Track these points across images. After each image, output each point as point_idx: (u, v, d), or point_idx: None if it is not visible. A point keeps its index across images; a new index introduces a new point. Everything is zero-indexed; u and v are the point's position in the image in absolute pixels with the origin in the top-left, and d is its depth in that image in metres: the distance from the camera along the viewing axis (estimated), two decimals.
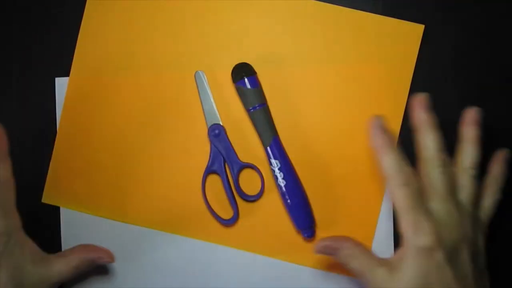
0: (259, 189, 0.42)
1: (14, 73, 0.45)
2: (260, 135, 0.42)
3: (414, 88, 0.42)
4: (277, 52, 0.43)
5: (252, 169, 0.43)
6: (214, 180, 0.43)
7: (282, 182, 0.41)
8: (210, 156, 0.42)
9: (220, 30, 0.44)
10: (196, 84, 0.43)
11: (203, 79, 0.43)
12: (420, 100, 0.37)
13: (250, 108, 0.41)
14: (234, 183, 0.42)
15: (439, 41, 0.43)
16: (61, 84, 0.44)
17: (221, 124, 0.43)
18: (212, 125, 0.43)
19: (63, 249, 0.44)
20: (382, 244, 0.42)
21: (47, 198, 0.44)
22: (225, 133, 0.42)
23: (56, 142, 0.44)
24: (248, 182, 0.43)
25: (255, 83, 0.41)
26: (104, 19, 0.44)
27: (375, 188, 0.42)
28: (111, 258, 0.40)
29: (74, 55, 0.44)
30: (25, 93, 0.45)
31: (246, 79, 0.41)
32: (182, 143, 0.44)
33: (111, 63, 0.44)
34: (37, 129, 0.45)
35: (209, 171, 0.42)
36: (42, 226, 0.44)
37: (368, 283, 0.35)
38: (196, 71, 0.43)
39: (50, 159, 0.44)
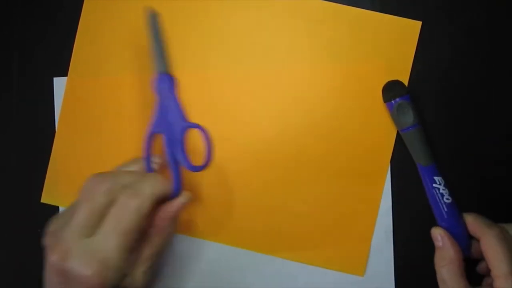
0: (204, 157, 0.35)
1: (12, 73, 0.45)
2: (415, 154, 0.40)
3: (412, 85, 0.42)
4: (274, 51, 0.43)
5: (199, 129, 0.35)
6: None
7: (447, 200, 0.39)
8: (157, 110, 0.36)
9: (218, 30, 0.44)
10: (149, 26, 0.36)
11: (156, 20, 0.36)
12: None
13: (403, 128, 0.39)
14: (179, 147, 0.35)
15: (437, 38, 0.43)
16: (59, 83, 0.44)
17: (171, 73, 0.35)
18: (160, 73, 0.35)
19: None
20: (381, 241, 0.42)
21: (47, 198, 0.44)
22: (174, 85, 0.35)
23: (54, 142, 0.44)
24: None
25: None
26: (102, 19, 0.44)
27: (374, 185, 0.42)
28: None
29: (72, 55, 0.44)
30: (24, 93, 0.45)
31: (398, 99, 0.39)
32: None
33: (109, 62, 0.44)
34: (36, 128, 0.45)
35: (154, 131, 0.36)
36: (42, 226, 0.44)
37: None
38: (149, 11, 0.37)
39: (49, 158, 0.44)
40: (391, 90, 0.40)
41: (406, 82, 0.42)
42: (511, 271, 0.34)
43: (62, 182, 0.44)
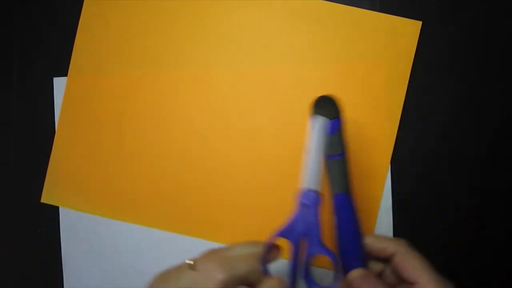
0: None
1: (12, 73, 0.45)
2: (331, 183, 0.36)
3: (412, 84, 0.42)
4: (274, 51, 0.43)
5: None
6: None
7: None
8: (293, 219, 0.34)
9: (218, 30, 0.44)
10: (311, 129, 0.35)
11: (319, 126, 0.34)
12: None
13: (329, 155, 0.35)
14: (304, 267, 0.34)
15: (437, 38, 0.43)
16: (59, 83, 0.44)
17: (319, 192, 0.33)
18: (307, 190, 0.33)
19: (62, 248, 0.44)
20: None
21: (46, 197, 0.44)
22: (319, 205, 0.34)
23: (54, 142, 0.44)
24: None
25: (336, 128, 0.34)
26: (102, 19, 0.44)
27: (375, 185, 0.42)
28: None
29: (72, 55, 0.44)
30: (24, 93, 0.45)
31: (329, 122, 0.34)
32: (181, 143, 0.44)
33: (109, 62, 0.44)
34: (36, 128, 0.45)
35: (279, 235, 0.34)
36: (42, 226, 0.44)
37: None
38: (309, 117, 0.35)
39: (49, 158, 0.44)
40: (324, 107, 0.34)
41: (406, 83, 0.42)
42: (436, 278, 0.33)
43: (62, 182, 0.44)
